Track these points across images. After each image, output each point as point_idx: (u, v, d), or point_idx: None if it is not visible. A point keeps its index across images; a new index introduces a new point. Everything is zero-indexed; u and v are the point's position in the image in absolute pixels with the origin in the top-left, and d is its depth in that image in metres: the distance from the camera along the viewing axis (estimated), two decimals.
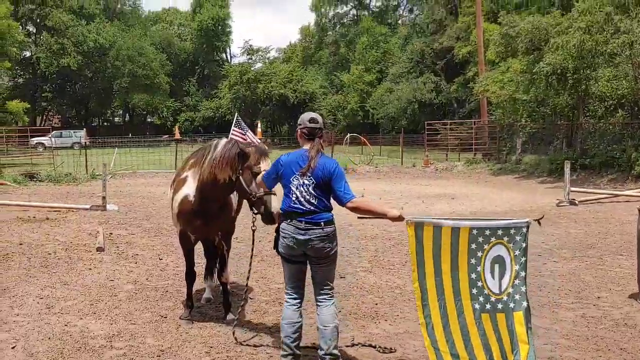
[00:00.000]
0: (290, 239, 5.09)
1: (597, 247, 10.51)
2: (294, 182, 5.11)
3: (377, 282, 8.22)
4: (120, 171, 27.97)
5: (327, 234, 5.07)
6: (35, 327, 6.31)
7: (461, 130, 38.67)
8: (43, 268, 8.97)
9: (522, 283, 4.90)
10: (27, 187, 21.31)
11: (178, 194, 6.36)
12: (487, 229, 4.89)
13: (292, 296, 5.25)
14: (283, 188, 5.20)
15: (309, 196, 5.07)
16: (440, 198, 18.15)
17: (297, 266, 5.22)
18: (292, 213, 5.09)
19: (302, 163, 5.12)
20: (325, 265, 5.17)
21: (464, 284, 4.89)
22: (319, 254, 5.08)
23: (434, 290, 4.88)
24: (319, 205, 5.08)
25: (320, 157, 5.13)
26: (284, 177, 5.18)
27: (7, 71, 45.04)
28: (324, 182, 5.07)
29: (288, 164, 5.18)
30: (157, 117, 76.96)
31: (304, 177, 5.08)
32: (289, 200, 5.12)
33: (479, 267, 4.88)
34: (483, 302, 4.86)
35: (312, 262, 5.17)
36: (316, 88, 62.68)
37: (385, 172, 29.01)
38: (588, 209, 15.29)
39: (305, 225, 5.03)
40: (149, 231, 12.32)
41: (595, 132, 24.77)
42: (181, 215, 6.32)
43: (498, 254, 4.89)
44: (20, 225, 12.85)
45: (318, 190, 5.08)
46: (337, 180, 5.09)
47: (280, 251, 5.22)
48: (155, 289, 7.91)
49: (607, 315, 6.73)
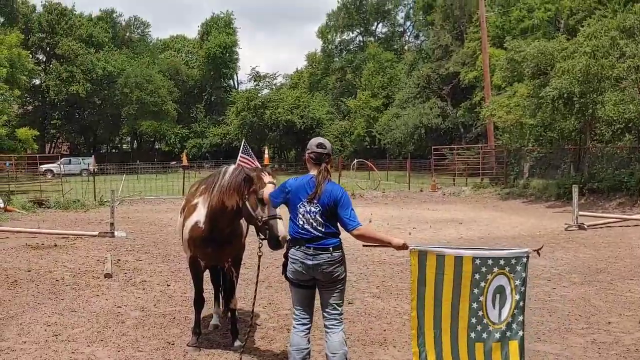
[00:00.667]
0: (299, 264, 5.09)
1: (607, 271, 10.42)
2: (300, 209, 5.12)
3: (386, 308, 8.17)
4: (128, 197, 28.06)
5: (335, 258, 5.07)
6: (43, 354, 6.29)
7: (468, 155, 38.69)
8: (51, 295, 8.97)
9: (520, 312, 4.96)
10: (36, 214, 21.39)
11: (188, 220, 6.36)
12: (489, 258, 4.94)
13: (301, 322, 5.22)
14: (289, 212, 5.21)
15: (316, 223, 5.08)
16: (448, 223, 18.09)
17: (306, 291, 5.21)
18: (299, 240, 5.10)
19: (309, 189, 5.13)
20: (335, 289, 5.16)
21: (463, 313, 4.93)
22: (328, 278, 5.08)
23: (432, 319, 4.93)
24: (326, 231, 5.08)
25: (327, 184, 5.14)
26: (290, 202, 5.20)
27: (16, 99, 45.41)
28: (330, 209, 5.08)
29: (295, 189, 5.19)
30: (164, 143, 77.43)
31: (311, 204, 5.09)
32: (296, 226, 5.13)
33: (482, 297, 4.92)
34: (480, 331, 4.91)
35: (321, 286, 5.16)
36: (323, 114, 63.00)
37: (393, 197, 28.98)
38: (597, 233, 15.20)
39: (314, 251, 5.04)
40: (156, 257, 12.32)
41: (603, 156, 24.73)
42: (192, 242, 6.33)
43: (500, 284, 4.95)
44: (29, 251, 12.88)
45: (324, 217, 5.09)
46: (344, 208, 5.09)
47: (289, 276, 5.22)
48: (162, 315, 7.89)
49: (618, 340, 6.66)
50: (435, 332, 4.93)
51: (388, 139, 52.37)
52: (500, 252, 5.06)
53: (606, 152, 24.86)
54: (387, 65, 64.10)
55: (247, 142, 28.37)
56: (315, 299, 5.30)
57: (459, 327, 4.93)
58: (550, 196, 24.44)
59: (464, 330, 4.93)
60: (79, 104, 69.96)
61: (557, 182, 24.94)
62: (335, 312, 5.18)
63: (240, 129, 62.99)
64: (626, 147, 24.44)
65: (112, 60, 69.64)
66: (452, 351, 4.92)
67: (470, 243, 13.89)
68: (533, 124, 26.68)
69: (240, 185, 5.78)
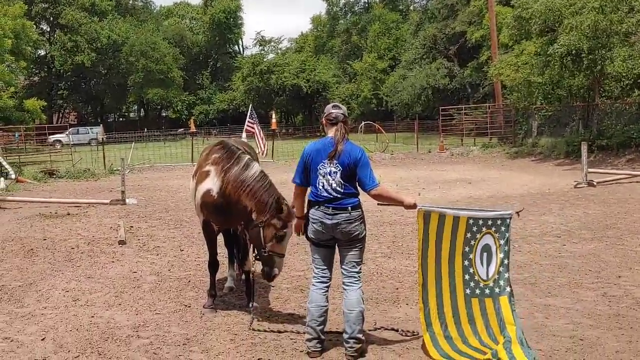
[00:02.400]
0: (319, 223, 5.20)
1: (616, 227, 10.47)
2: (320, 171, 5.21)
3: (397, 267, 8.27)
4: (138, 165, 28.20)
5: (354, 217, 5.17)
6: (63, 319, 6.44)
7: (476, 114, 38.52)
8: (67, 262, 9.12)
9: (506, 270, 5.18)
10: (47, 184, 21.56)
11: (201, 185, 6.43)
12: (480, 219, 5.17)
13: (320, 280, 5.34)
14: (311, 177, 5.30)
15: (335, 184, 5.16)
16: (457, 183, 18.13)
17: (326, 250, 5.33)
18: (319, 202, 5.21)
19: (328, 150, 5.23)
20: (353, 248, 5.26)
21: (458, 270, 5.19)
22: (347, 237, 5.19)
23: (434, 276, 5.19)
24: (346, 191, 5.18)
25: (345, 143, 5.22)
26: (311, 164, 5.28)
27: (22, 70, 45.38)
28: (350, 169, 5.17)
29: (314, 151, 5.31)
30: (171, 111, 77.33)
31: (331, 164, 5.18)
32: (316, 189, 5.24)
33: (471, 254, 5.19)
34: (473, 287, 5.18)
35: (341, 245, 5.27)
36: (329, 77, 62.57)
37: (401, 158, 28.98)
38: (606, 189, 15.21)
39: (333, 210, 5.15)
40: (168, 223, 12.45)
41: (612, 112, 24.58)
42: (204, 207, 6.43)
43: (486, 243, 5.21)
44: (43, 221, 13.03)
45: (344, 177, 5.17)
46: (363, 168, 5.20)
47: (310, 236, 5.33)
48: (178, 279, 8.02)
49: (628, 293, 6.73)
50: (437, 288, 5.19)
51: (395, 101, 52.06)
52: (488, 213, 5.28)
53: (615, 109, 24.69)
54: (393, 26, 63.39)
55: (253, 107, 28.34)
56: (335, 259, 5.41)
57: (456, 283, 5.19)
58: (559, 154, 24.39)
59: (460, 286, 5.18)
60: (84, 74, 69.80)
61: (565, 139, 24.84)
62: (354, 270, 5.28)
63: (246, 95, 62.73)
64: (635, 102, 24.26)
65: (116, 29, 69.21)
66: (452, 306, 5.18)
67: (479, 202, 13.94)
68: (541, 82, 26.45)
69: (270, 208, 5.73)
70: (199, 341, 5.71)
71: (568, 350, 5.20)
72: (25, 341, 5.81)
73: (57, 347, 5.65)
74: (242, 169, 6.06)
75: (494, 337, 5.08)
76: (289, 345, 5.52)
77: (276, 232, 5.69)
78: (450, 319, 5.18)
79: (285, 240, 5.78)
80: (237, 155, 6.22)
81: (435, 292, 5.19)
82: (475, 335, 5.14)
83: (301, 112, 72.18)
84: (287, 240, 5.84)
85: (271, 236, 5.72)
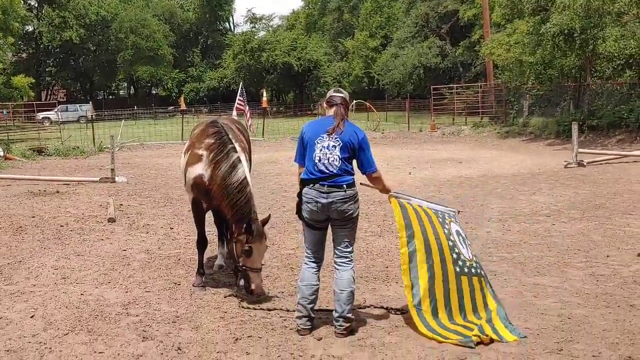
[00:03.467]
0: (313, 203, 5.15)
1: (605, 207, 10.52)
2: (318, 145, 5.16)
3: (387, 246, 8.29)
4: (127, 143, 28.05)
5: (350, 196, 5.15)
6: (52, 296, 6.41)
7: (467, 94, 38.48)
8: (56, 240, 9.08)
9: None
10: (36, 162, 21.43)
11: (192, 168, 6.46)
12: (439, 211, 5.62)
13: (313, 259, 5.34)
14: (306, 152, 5.25)
15: (332, 159, 5.11)
16: (448, 162, 18.15)
17: (319, 231, 5.31)
18: (314, 179, 5.15)
19: (327, 124, 5.22)
20: (346, 227, 5.25)
21: (446, 249, 5.32)
22: (341, 215, 5.16)
23: (423, 251, 5.24)
24: (342, 167, 5.14)
25: (347, 123, 5.22)
26: (309, 139, 5.22)
27: (10, 47, 44.84)
28: (351, 148, 5.16)
29: (313, 128, 5.29)
30: (161, 88, 76.88)
31: (330, 138, 5.14)
32: (311, 164, 5.17)
33: (452, 236, 5.41)
34: (462, 265, 5.35)
35: (334, 224, 5.24)
36: (320, 55, 62.24)
37: (392, 137, 28.97)
38: (596, 169, 15.27)
39: (328, 189, 5.10)
40: (158, 201, 12.42)
41: (603, 92, 24.61)
42: (195, 187, 6.49)
43: (457, 229, 5.59)
44: (32, 198, 12.96)
45: (343, 153, 5.14)
46: (365, 150, 5.24)
47: (304, 216, 5.28)
48: (167, 257, 8.01)
49: (616, 273, 6.77)
50: (428, 266, 5.23)
51: (386, 80, 51.90)
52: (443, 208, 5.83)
53: (606, 89, 24.72)
54: (385, 4, 62.95)
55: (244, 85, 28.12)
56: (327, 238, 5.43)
57: (447, 261, 5.28)
58: (550, 134, 24.44)
59: (450, 264, 5.29)
60: (73, 50, 69.10)
61: (556, 119, 24.88)
62: (347, 250, 5.29)
63: (237, 73, 62.33)
64: (626, 83, 24.29)
65: (104, 5, 68.52)
66: (444, 283, 5.25)
67: (470, 182, 13.98)
68: (533, 62, 26.40)
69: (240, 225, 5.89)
70: (189, 319, 5.71)
71: (556, 328, 5.23)
72: (14, 318, 5.79)
73: (46, 324, 5.64)
74: (228, 169, 6.04)
75: (478, 314, 5.25)
76: (278, 323, 5.53)
77: (242, 247, 5.86)
78: (441, 296, 5.23)
79: (254, 255, 5.86)
80: (227, 151, 6.15)
81: (427, 269, 5.21)
82: (462, 312, 5.26)
83: (292, 91, 71.89)
84: (256, 256, 5.90)
85: (240, 251, 5.89)
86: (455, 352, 4.79)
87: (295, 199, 5.53)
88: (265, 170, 16.27)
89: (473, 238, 8.57)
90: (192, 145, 6.66)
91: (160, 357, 4.87)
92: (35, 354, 4.97)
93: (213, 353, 4.91)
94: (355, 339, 5.14)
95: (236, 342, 5.13)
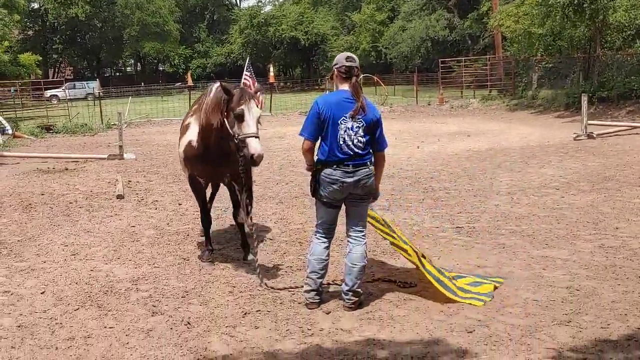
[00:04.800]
0: (339, 184, 5.08)
1: (615, 179, 10.45)
2: (341, 126, 5.05)
3: (395, 220, 8.25)
4: (135, 120, 28.06)
5: (372, 171, 5.19)
6: (62, 273, 6.46)
7: (476, 67, 38.13)
8: (66, 217, 9.13)
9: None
10: (45, 139, 21.50)
11: (182, 139, 6.51)
12: None
13: (325, 235, 5.35)
14: (325, 133, 5.10)
15: (357, 140, 5.06)
16: (456, 136, 18.05)
17: (336, 209, 5.32)
18: (337, 161, 5.07)
19: (348, 105, 5.08)
20: (365, 202, 5.30)
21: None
22: (366, 191, 5.19)
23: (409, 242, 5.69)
24: (366, 147, 5.13)
25: (365, 99, 5.14)
26: (331, 119, 5.07)
27: (16, 24, 44.64)
28: (372, 126, 5.13)
29: (330, 106, 5.09)
30: (168, 65, 76.55)
31: (353, 119, 5.06)
32: (336, 147, 5.06)
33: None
34: None
35: (352, 200, 5.22)
36: (327, 29, 61.68)
37: (400, 111, 28.84)
38: (606, 141, 15.16)
39: (353, 168, 5.07)
40: (166, 178, 12.44)
41: (613, 63, 24.33)
42: (187, 160, 6.49)
43: None
44: (41, 176, 13.01)
45: (366, 133, 5.10)
46: (380, 127, 5.23)
47: (324, 197, 5.19)
48: (176, 233, 8.04)
49: (625, 245, 6.75)
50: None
51: (394, 53, 51.43)
52: None
53: (616, 60, 24.43)
54: None
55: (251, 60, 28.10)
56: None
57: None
58: (559, 106, 24.23)
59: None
60: (79, 27, 68.75)
61: (566, 91, 24.66)
62: (362, 224, 5.33)
63: (244, 48, 61.90)
64: (637, 53, 24.00)
65: None
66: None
67: (478, 155, 13.91)
68: (542, 33, 26.08)
69: (220, 103, 5.75)
70: (198, 294, 5.74)
71: (564, 300, 5.23)
72: (25, 294, 5.84)
73: (56, 300, 5.69)
74: (207, 96, 6.03)
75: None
76: (287, 297, 5.55)
77: (233, 113, 5.57)
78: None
79: (246, 118, 5.52)
80: (207, 90, 6.21)
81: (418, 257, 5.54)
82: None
83: (299, 65, 71.46)
84: (249, 119, 5.55)
85: (233, 120, 5.60)
86: (463, 324, 4.81)
87: (303, 174, 5.51)
88: (273, 146, 16.23)
89: (482, 211, 8.58)
90: (183, 122, 6.82)
91: (169, 331, 4.90)
92: (46, 329, 5.02)
93: (222, 327, 4.94)
94: (364, 312, 5.16)
95: (245, 316, 5.16)
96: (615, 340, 4.44)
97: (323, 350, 4.49)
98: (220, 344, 4.64)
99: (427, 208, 8.97)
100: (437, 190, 10.23)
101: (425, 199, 9.60)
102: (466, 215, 8.45)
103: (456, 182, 10.83)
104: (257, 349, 4.54)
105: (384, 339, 4.61)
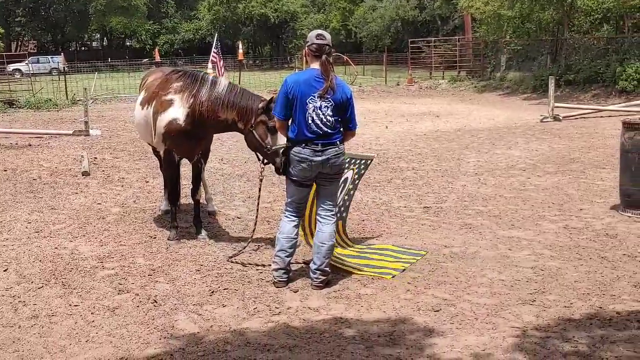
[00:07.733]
0: (307, 162, 5.07)
1: (580, 161, 10.63)
2: (309, 105, 5.02)
3: (363, 199, 8.30)
4: (101, 96, 27.56)
5: (342, 150, 5.20)
6: (26, 250, 6.35)
7: (445, 48, 38.25)
8: (29, 193, 8.95)
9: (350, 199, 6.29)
10: (7, 114, 20.99)
11: (164, 114, 6.27)
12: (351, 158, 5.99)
13: (295, 214, 5.34)
14: (294, 112, 5.09)
15: (326, 119, 5.04)
16: (425, 116, 18.14)
17: (307, 188, 5.31)
18: (306, 139, 5.06)
19: (317, 84, 5.04)
20: (335, 181, 5.31)
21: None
22: (335, 170, 5.19)
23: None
24: (335, 126, 5.12)
25: (335, 78, 5.10)
26: (297, 100, 5.04)
27: None
28: (342, 106, 5.11)
29: (299, 84, 5.06)
30: (135, 40, 75.18)
31: (322, 99, 5.02)
32: (304, 125, 5.05)
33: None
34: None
35: (322, 180, 5.22)
36: (297, 7, 61.17)
37: (369, 91, 28.84)
38: (572, 124, 15.38)
39: (322, 147, 5.06)
40: (133, 155, 12.28)
41: (580, 47, 24.62)
42: (168, 136, 6.32)
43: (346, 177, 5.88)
44: (3, 151, 12.73)
45: (335, 112, 5.08)
46: (351, 107, 5.21)
47: (294, 176, 5.18)
48: (142, 210, 7.95)
49: (589, 226, 6.87)
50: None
51: (364, 33, 51.33)
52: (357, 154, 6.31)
53: (583, 44, 24.72)
54: None
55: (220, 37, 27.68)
56: None
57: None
58: (527, 88, 24.49)
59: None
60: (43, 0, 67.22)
61: (533, 74, 24.90)
62: (332, 203, 5.34)
63: (213, 24, 61.07)
64: (603, 38, 24.30)
65: None
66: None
67: (446, 135, 14.00)
68: (511, 16, 26.25)
69: (252, 111, 5.77)
70: (165, 272, 5.70)
71: (529, 280, 5.31)
72: None
73: (20, 277, 5.59)
74: (210, 87, 6.03)
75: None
76: (255, 276, 5.54)
77: (265, 126, 5.70)
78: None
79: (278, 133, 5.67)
80: (201, 77, 6.18)
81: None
82: None
83: (269, 43, 70.85)
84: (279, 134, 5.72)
85: (265, 132, 5.71)
86: (430, 303, 4.85)
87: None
88: None
89: (449, 192, 8.64)
90: (155, 95, 6.51)
91: (136, 309, 4.86)
92: (9, 308, 4.93)
93: (189, 305, 4.91)
94: (332, 290, 5.18)
95: (212, 294, 5.14)
96: (578, 319, 4.53)
97: (291, 328, 4.49)
98: (187, 322, 4.62)
99: (395, 188, 9.01)
100: (405, 170, 10.29)
101: (393, 178, 9.64)
102: (434, 195, 8.51)
103: (424, 163, 10.90)
104: (225, 327, 4.52)
105: (351, 318, 4.63)
